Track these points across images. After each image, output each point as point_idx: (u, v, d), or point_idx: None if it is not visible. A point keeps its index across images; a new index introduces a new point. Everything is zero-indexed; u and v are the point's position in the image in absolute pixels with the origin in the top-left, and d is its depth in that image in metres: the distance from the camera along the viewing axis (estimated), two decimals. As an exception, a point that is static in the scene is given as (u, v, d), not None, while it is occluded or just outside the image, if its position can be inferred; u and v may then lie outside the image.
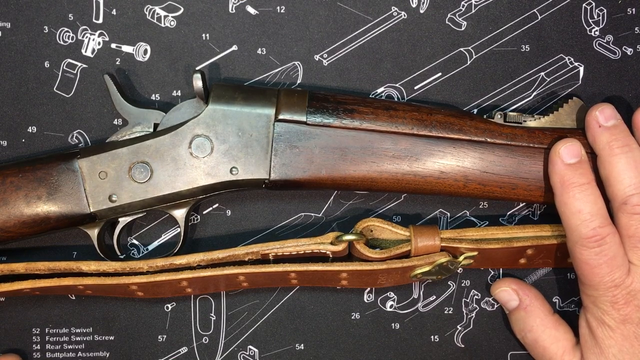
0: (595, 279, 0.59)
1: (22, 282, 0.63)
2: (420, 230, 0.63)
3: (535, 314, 0.64)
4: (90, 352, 0.68)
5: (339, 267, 0.63)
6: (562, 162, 0.59)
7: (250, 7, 0.67)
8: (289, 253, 0.63)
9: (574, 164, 0.59)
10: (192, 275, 0.62)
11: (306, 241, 0.63)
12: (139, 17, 0.67)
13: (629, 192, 0.58)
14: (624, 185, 0.58)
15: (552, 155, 0.60)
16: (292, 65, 0.68)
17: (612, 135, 0.59)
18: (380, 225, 0.64)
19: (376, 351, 0.69)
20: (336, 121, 0.61)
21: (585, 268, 0.59)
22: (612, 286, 0.58)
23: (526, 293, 0.65)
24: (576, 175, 0.59)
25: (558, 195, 0.59)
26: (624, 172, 0.58)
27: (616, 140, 0.59)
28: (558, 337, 0.63)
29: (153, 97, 0.68)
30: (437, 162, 0.61)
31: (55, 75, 0.67)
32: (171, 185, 0.61)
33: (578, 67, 0.68)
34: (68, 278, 0.63)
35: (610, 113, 0.60)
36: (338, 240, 0.63)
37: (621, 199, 0.58)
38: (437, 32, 0.68)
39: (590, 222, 0.58)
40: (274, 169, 0.61)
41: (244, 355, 0.69)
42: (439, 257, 0.63)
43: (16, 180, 0.61)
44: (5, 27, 0.67)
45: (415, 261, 0.63)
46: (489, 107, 0.68)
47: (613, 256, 0.58)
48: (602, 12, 0.68)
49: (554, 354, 0.63)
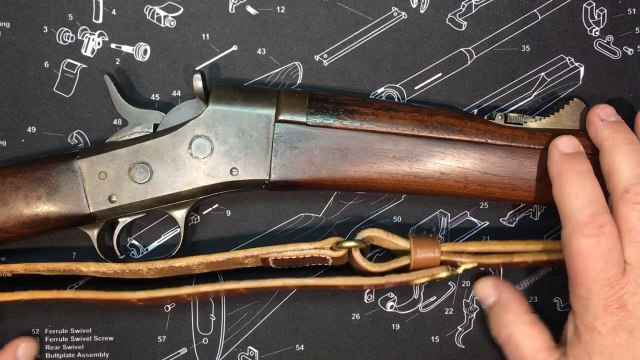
0: (590, 275, 0.56)
1: (21, 292, 0.63)
2: (420, 242, 0.63)
3: (511, 310, 0.63)
4: (90, 352, 0.68)
5: (337, 282, 0.64)
6: (560, 152, 0.59)
7: (250, 7, 0.67)
8: (288, 257, 0.63)
9: (572, 153, 0.59)
10: (193, 291, 0.63)
11: (306, 246, 0.63)
12: (139, 17, 0.67)
13: (631, 180, 0.57)
14: (626, 174, 0.57)
15: (551, 149, 0.60)
16: (292, 66, 0.68)
17: (614, 128, 0.59)
18: (379, 236, 0.64)
19: (376, 352, 0.69)
20: (336, 122, 0.61)
21: (579, 261, 0.56)
22: (606, 285, 0.56)
23: (504, 290, 0.64)
24: (574, 162, 0.58)
25: (555, 182, 0.58)
26: (626, 162, 0.58)
27: (619, 132, 0.59)
28: (533, 335, 0.61)
29: (153, 98, 0.67)
30: (438, 163, 0.61)
31: (54, 75, 0.67)
32: (171, 185, 0.61)
33: (578, 68, 0.68)
34: (68, 291, 0.63)
35: (610, 112, 0.61)
36: (338, 246, 0.63)
37: (623, 188, 0.57)
38: (437, 32, 0.68)
39: (588, 208, 0.56)
40: (274, 170, 0.61)
41: (244, 356, 0.69)
42: (439, 271, 0.63)
43: (16, 180, 0.61)
44: (5, 27, 0.67)
45: (413, 275, 0.63)
46: (490, 107, 0.68)
47: (610, 249, 0.56)
48: (602, 12, 0.68)
49: (526, 351, 0.61)
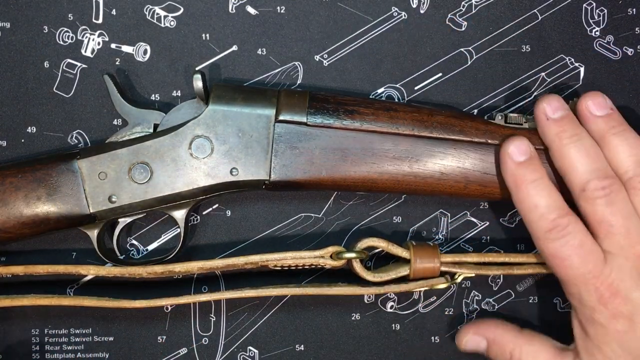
0: (570, 272, 0.58)
1: (22, 299, 0.63)
2: (420, 252, 0.63)
3: (505, 341, 0.63)
4: (90, 352, 0.68)
5: (337, 291, 0.64)
6: (512, 161, 0.59)
7: (250, 7, 0.67)
8: (288, 266, 0.64)
9: (524, 161, 0.59)
10: (194, 300, 0.64)
11: (306, 254, 0.63)
12: (139, 17, 0.67)
13: (585, 178, 0.58)
14: (579, 172, 0.58)
15: (502, 156, 0.60)
16: (292, 66, 0.68)
17: (560, 127, 0.59)
18: (380, 246, 0.64)
19: (376, 352, 0.69)
20: (336, 122, 0.61)
21: (556, 263, 0.58)
22: (590, 278, 0.57)
23: (485, 329, 0.64)
24: (527, 172, 0.59)
25: (514, 194, 0.59)
26: (577, 161, 0.58)
27: (564, 131, 0.59)
28: (537, 350, 0.62)
29: (153, 98, 0.67)
30: (438, 163, 0.61)
31: (54, 75, 0.67)
32: (171, 186, 0.61)
33: (579, 68, 0.68)
34: (68, 298, 0.64)
35: (557, 105, 0.60)
36: (338, 256, 0.63)
37: (579, 187, 0.58)
38: (437, 32, 0.68)
39: (548, 215, 0.58)
40: (274, 170, 0.60)
41: (244, 356, 0.69)
42: (438, 282, 0.64)
43: (16, 180, 0.60)
44: (5, 27, 0.67)
45: (412, 286, 0.63)
46: (490, 107, 0.68)
47: (579, 244, 0.57)
48: (602, 13, 0.68)
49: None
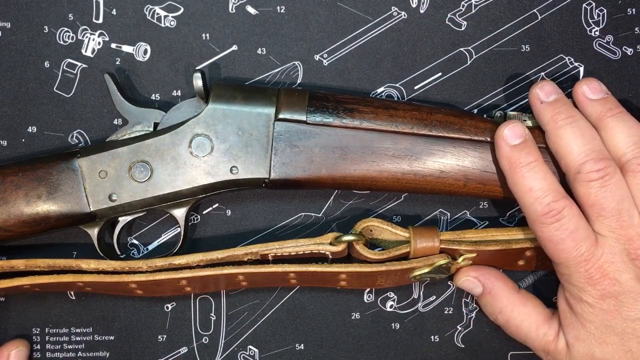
0: (563, 255, 0.58)
1: (21, 278, 0.63)
2: (420, 232, 0.63)
3: (500, 296, 0.64)
4: (90, 352, 0.68)
5: (338, 268, 0.63)
6: (507, 144, 0.59)
7: (250, 7, 0.68)
8: (288, 254, 0.63)
9: (519, 144, 0.59)
10: (191, 275, 0.62)
11: (305, 242, 0.63)
12: (139, 17, 0.67)
13: (580, 160, 0.58)
14: (574, 154, 0.58)
15: (497, 139, 0.60)
16: (292, 65, 0.68)
17: (554, 109, 0.60)
18: (379, 226, 0.63)
19: (376, 351, 0.69)
20: (336, 120, 0.61)
21: (550, 246, 0.58)
22: (582, 261, 0.57)
23: (487, 277, 0.65)
24: (522, 155, 0.59)
25: (509, 177, 0.59)
26: (572, 142, 0.58)
27: (559, 113, 0.59)
28: (528, 313, 0.63)
29: (153, 97, 0.68)
30: (437, 161, 0.61)
31: (55, 75, 0.67)
32: (171, 184, 0.61)
33: (578, 67, 0.68)
34: (68, 275, 0.63)
35: (550, 89, 0.61)
36: (337, 240, 0.62)
37: (574, 169, 0.58)
38: (437, 32, 0.68)
39: (543, 199, 0.58)
40: (274, 168, 0.61)
41: (244, 355, 0.69)
42: (438, 259, 0.63)
43: (16, 179, 0.61)
44: (5, 27, 0.67)
45: (414, 263, 0.63)
46: (489, 106, 0.68)
47: (574, 229, 0.57)
48: (602, 13, 0.68)
49: (527, 330, 0.63)
